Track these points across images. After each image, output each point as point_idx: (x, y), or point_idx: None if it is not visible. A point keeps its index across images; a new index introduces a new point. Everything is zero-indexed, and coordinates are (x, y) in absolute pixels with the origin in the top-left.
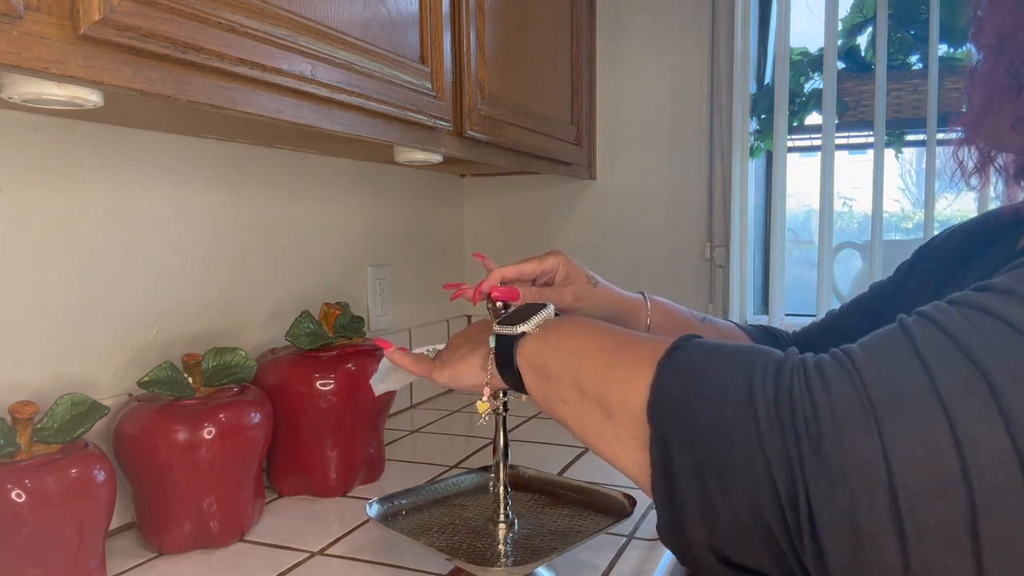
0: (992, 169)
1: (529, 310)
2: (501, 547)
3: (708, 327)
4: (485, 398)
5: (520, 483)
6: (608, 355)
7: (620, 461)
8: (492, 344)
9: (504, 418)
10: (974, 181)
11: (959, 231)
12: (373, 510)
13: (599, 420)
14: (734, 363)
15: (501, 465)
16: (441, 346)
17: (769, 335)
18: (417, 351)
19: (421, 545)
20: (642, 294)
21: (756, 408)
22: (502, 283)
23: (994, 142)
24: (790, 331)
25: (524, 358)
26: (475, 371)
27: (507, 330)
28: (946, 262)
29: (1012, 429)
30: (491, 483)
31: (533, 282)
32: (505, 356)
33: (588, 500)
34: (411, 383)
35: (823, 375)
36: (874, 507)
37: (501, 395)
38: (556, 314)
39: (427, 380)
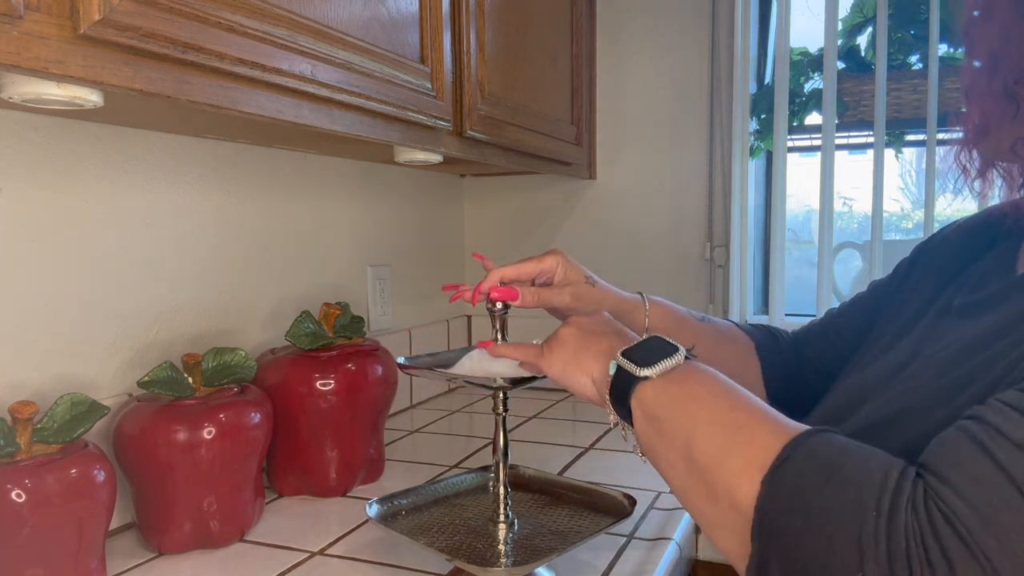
0: (995, 173)
1: (659, 349)
2: (501, 547)
3: (707, 327)
4: (611, 423)
5: (520, 483)
6: (724, 436)
7: (717, 542)
8: (612, 371)
9: (504, 418)
10: (977, 185)
11: (959, 230)
12: (373, 510)
13: (703, 497)
14: (845, 494)
15: (501, 465)
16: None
17: (769, 335)
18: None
19: (421, 545)
20: (640, 294)
21: (864, 567)
22: (501, 283)
23: (994, 156)
24: (789, 331)
25: (639, 402)
26: (588, 385)
27: (630, 367)
28: (946, 262)
29: None
30: (491, 483)
31: (532, 282)
32: (621, 390)
33: (588, 500)
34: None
35: (942, 545)
36: None
37: (501, 395)
38: (686, 356)
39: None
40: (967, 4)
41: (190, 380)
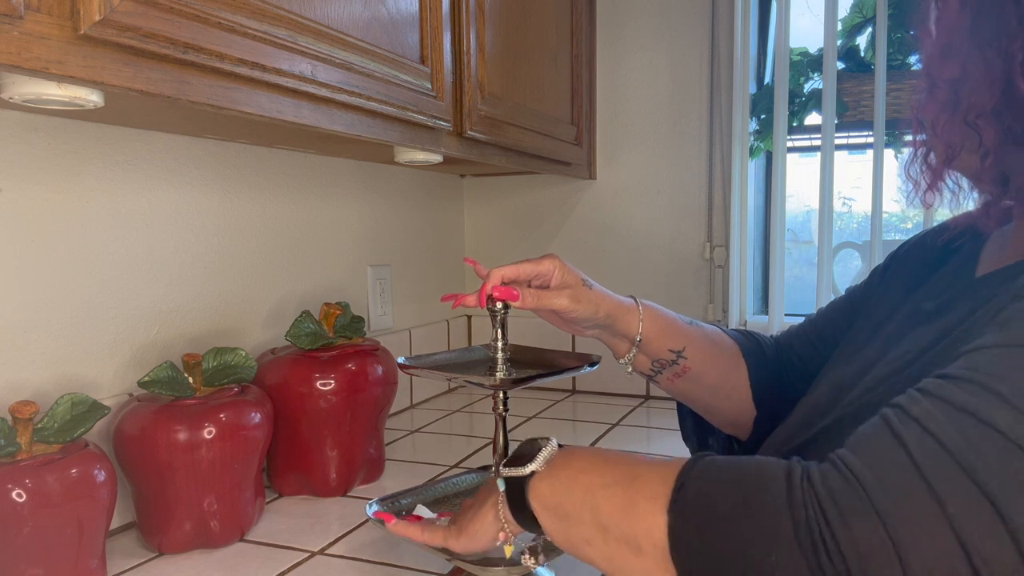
0: (944, 186)
1: (531, 447)
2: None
3: (696, 330)
4: (500, 542)
5: None
6: (623, 490)
7: None
8: (502, 488)
9: (504, 417)
10: (929, 198)
11: (926, 237)
12: (373, 510)
13: (628, 558)
14: (744, 497)
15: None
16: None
17: (752, 340)
18: (425, 518)
19: (421, 544)
20: (633, 298)
21: (780, 545)
22: (501, 283)
23: (967, 176)
24: (772, 335)
25: (538, 500)
26: (489, 524)
27: (516, 472)
28: (915, 267)
29: (1017, 537)
30: (472, 480)
31: (529, 284)
32: (517, 499)
33: None
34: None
35: (836, 502)
36: None
37: (502, 394)
38: (560, 445)
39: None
40: (926, 42)
41: (190, 380)
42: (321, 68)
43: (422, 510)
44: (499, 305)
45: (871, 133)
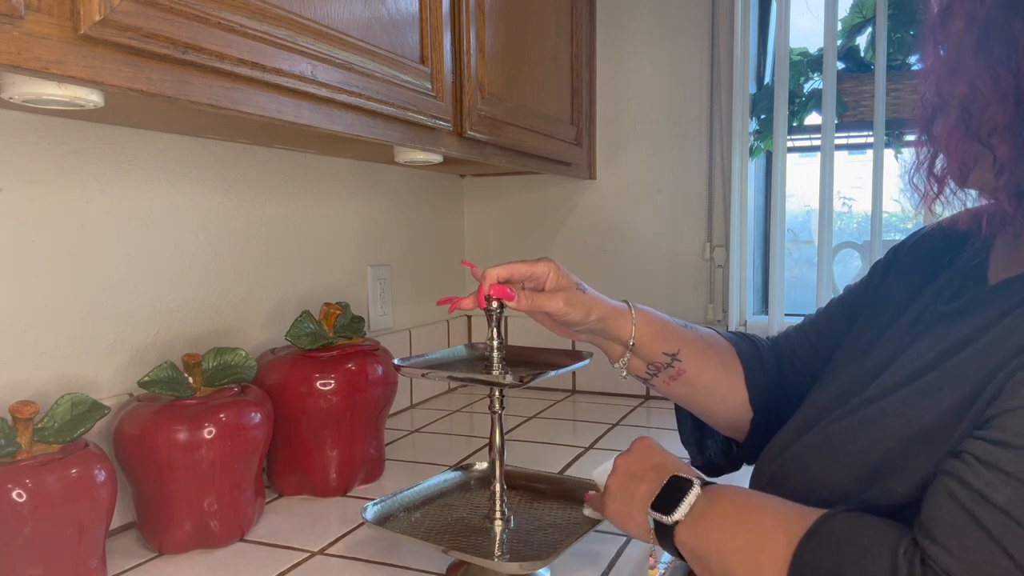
0: (950, 193)
1: (678, 490)
2: (504, 544)
3: (690, 333)
4: (649, 567)
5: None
6: (750, 557)
7: None
8: (652, 525)
9: (500, 416)
10: (937, 207)
11: (927, 238)
12: (369, 513)
13: None
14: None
15: (498, 463)
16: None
17: (748, 341)
18: (597, 471)
19: (420, 542)
20: (626, 302)
21: None
22: (496, 282)
23: (981, 190)
24: (769, 337)
25: (681, 543)
26: (643, 531)
27: (663, 519)
28: (921, 267)
29: None
30: (472, 480)
31: (523, 285)
32: (665, 538)
33: (564, 489)
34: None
35: None
36: None
37: (498, 392)
38: (703, 484)
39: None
40: (932, 61)
41: (190, 380)
42: (321, 68)
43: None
44: (495, 304)
45: (871, 133)
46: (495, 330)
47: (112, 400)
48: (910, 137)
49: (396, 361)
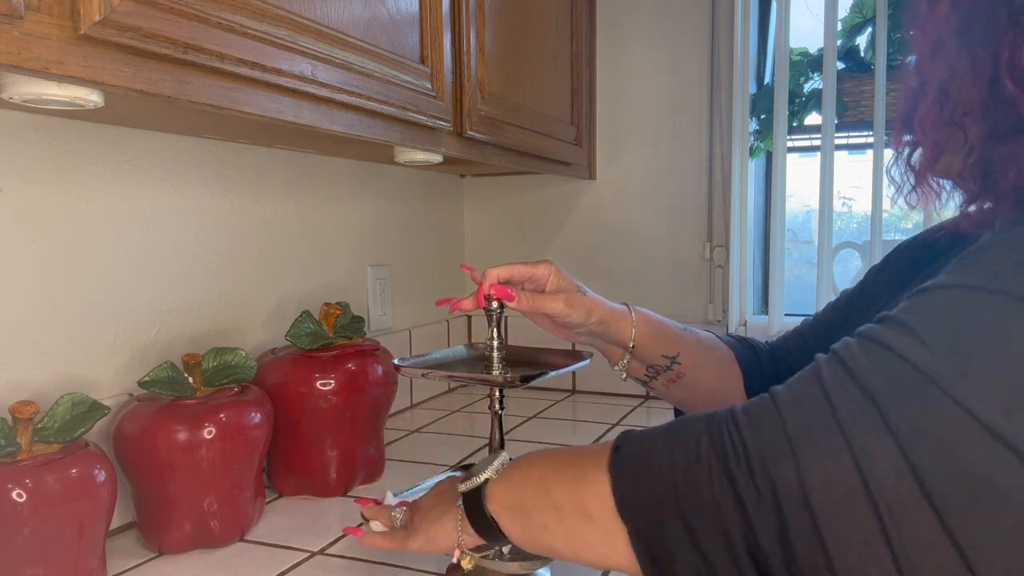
0: (928, 187)
1: (483, 461)
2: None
3: (690, 336)
4: (455, 558)
5: None
6: (570, 469)
7: (612, 561)
8: (460, 503)
9: (500, 415)
10: (912, 199)
11: (912, 244)
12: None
13: (584, 529)
14: (669, 441)
15: None
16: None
17: (747, 346)
18: (386, 503)
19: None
20: (627, 305)
21: (701, 465)
22: (497, 283)
23: (947, 178)
24: (767, 340)
25: (496, 501)
26: (449, 532)
27: (471, 483)
28: (905, 269)
29: (901, 443)
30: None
31: (523, 287)
32: (476, 509)
33: None
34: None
35: (750, 416)
36: (802, 527)
37: (498, 392)
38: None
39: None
40: (917, 42)
41: (190, 380)
42: (321, 68)
43: (388, 497)
44: (495, 304)
45: (871, 133)
46: (495, 330)
47: (112, 400)
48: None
49: (396, 361)
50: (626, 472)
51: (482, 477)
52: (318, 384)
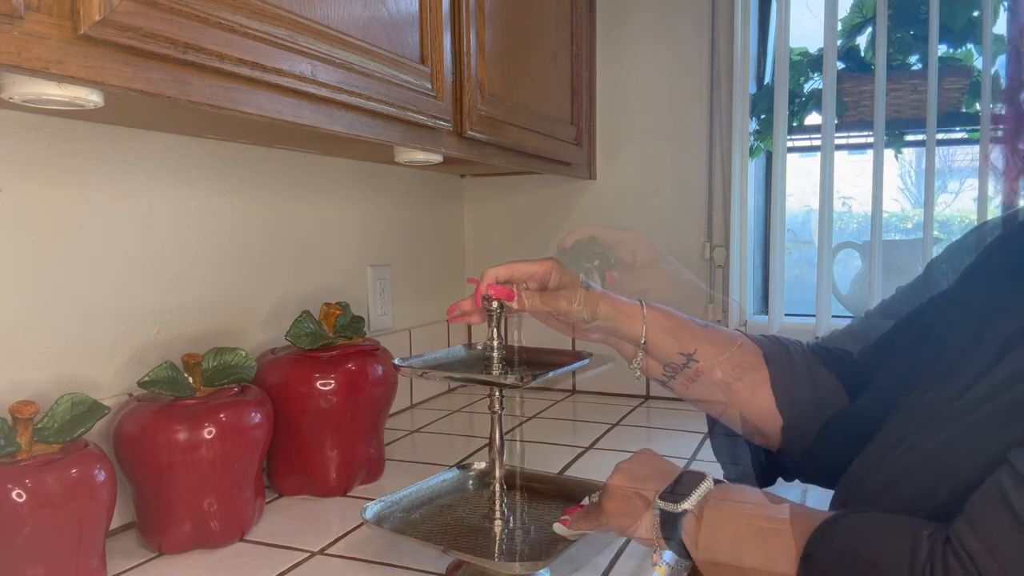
0: None
1: (688, 482)
2: (504, 545)
3: (709, 333)
4: (655, 565)
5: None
6: (762, 548)
7: None
8: (657, 515)
9: (500, 416)
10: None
11: (1003, 241)
12: (369, 513)
13: None
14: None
15: (497, 463)
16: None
17: (779, 346)
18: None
19: (420, 542)
20: (639, 301)
21: None
22: (496, 282)
23: None
24: (813, 339)
25: (688, 537)
26: (646, 527)
27: (670, 507)
28: (1000, 277)
29: None
30: (472, 480)
31: (525, 286)
32: (670, 528)
33: (564, 489)
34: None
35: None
36: None
37: (497, 392)
38: (716, 481)
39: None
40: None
41: (190, 380)
42: (321, 68)
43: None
44: (495, 304)
45: (871, 133)
46: (495, 330)
47: (112, 400)
48: (910, 137)
49: (396, 361)
50: None
51: (681, 507)
52: (318, 384)
